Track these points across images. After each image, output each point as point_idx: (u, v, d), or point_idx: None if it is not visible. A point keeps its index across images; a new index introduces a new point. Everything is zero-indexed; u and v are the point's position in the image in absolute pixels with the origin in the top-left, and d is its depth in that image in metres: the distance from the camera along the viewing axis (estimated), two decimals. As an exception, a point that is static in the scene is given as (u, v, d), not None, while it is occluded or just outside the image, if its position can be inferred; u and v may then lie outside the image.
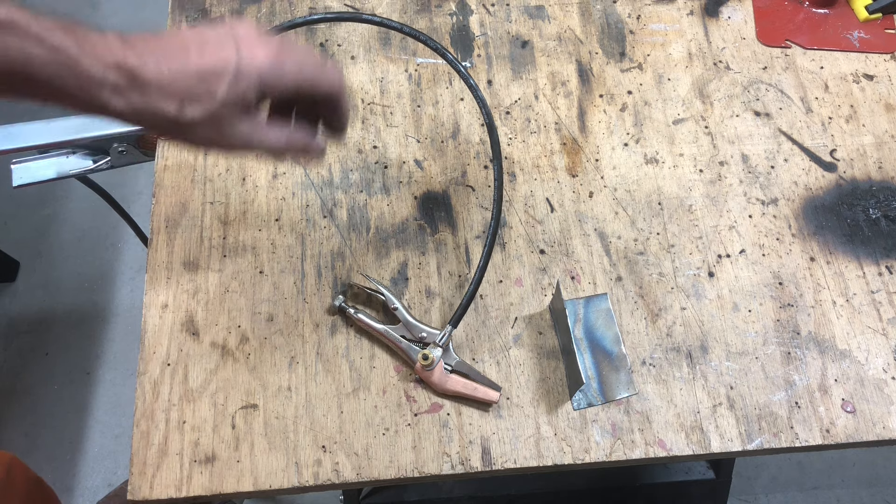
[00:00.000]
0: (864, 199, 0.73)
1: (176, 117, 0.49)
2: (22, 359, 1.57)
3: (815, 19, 0.83)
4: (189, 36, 0.51)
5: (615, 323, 0.67)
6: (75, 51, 0.45)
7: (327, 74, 0.54)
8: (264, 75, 0.51)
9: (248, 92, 0.51)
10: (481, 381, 0.63)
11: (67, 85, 0.46)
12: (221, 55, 0.50)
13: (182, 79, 0.49)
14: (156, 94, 0.48)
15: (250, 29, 0.52)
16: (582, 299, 0.68)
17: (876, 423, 0.64)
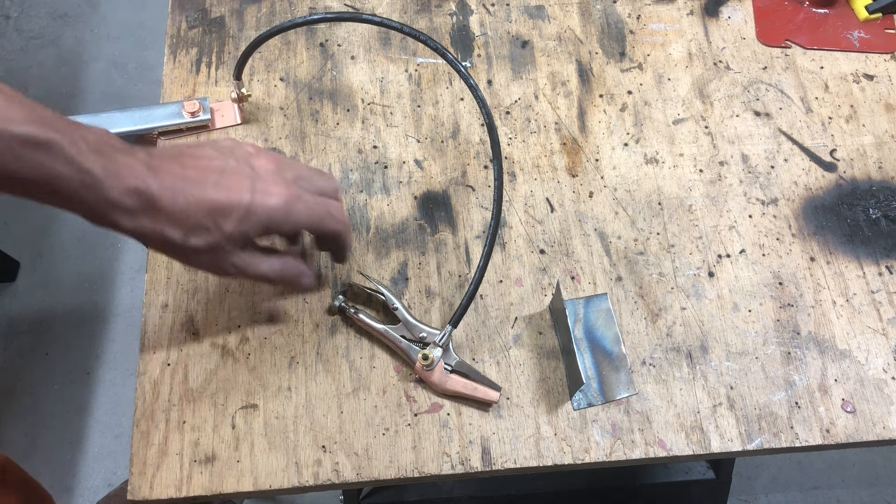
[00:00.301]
0: (864, 199, 0.73)
1: (179, 244, 0.52)
2: (22, 359, 1.57)
3: (815, 19, 0.83)
4: (210, 162, 0.53)
5: (615, 323, 0.67)
6: (101, 174, 0.47)
7: (334, 219, 0.58)
8: (272, 217, 0.53)
9: (253, 230, 0.53)
10: (481, 381, 0.63)
11: (86, 202, 0.48)
12: (235, 193, 0.52)
13: (194, 211, 0.51)
14: (165, 220, 0.50)
15: (270, 163, 0.55)
16: (582, 299, 0.68)
17: (876, 423, 0.64)
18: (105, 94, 1.85)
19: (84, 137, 0.47)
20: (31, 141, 0.45)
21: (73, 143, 0.46)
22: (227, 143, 0.56)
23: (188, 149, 0.54)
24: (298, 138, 0.75)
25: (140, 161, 0.50)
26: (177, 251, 0.53)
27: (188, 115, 0.73)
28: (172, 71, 0.79)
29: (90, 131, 0.48)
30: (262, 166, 0.54)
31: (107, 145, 0.49)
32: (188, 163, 0.52)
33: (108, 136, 0.49)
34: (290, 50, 0.80)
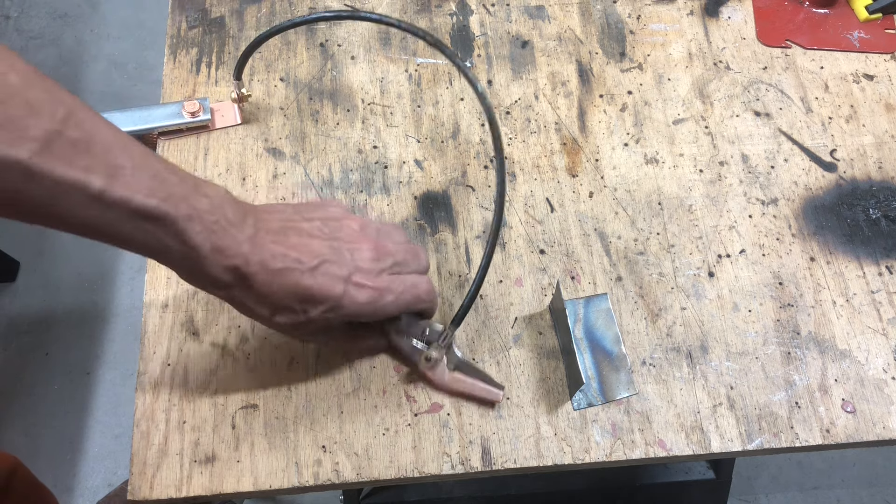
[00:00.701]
0: (864, 199, 0.73)
1: (265, 318, 0.53)
2: (22, 359, 1.57)
3: (815, 19, 0.83)
4: (312, 243, 0.53)
5: (615, 323, 0.67)
6: (206, 251, 0.48)
7: (421, 301, 0.58)
8: (360, 312, 0.55)
9: (339, 319, 0.55)
10: (484, 380, 0.63)
11: (185, 269, 0.49)
12: (328, 285, 0.53)
13: (284, 296, 0.52)
14: (255, 298, 0.51)
15: (370, 250, 0.56)
16: (582, 299, 0.68)
17: (876, 423, 0.64)
18: (105, 94, 1.85)
19: (200, 211, 0.47)
20: (149, 214, 0.45)
21: (189, 218, 0.47)
22: (335, 212, 0.57)
23: (296, 221, 0.54)
24: (298, 138, 0.75)
25: (247, 235, 0.50)
26: (260, 321, 0.54)
27: (188, 115, 0.74)
28: (172, 71, 0.79)
29: (208, 200, 0.48)
30: (363, 255, 0.55)
31: (220, 218, 0.49)
32: (292, 241, 0.52)
33: (222, 206, 0.49)
34: (290, 50, 0.80)
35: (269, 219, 0.53)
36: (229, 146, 0.75)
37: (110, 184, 0.43)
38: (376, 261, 0.55)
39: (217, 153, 0.75)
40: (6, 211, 0.43)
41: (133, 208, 0.44)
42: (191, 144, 0.75)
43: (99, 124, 0.44)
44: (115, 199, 0.44)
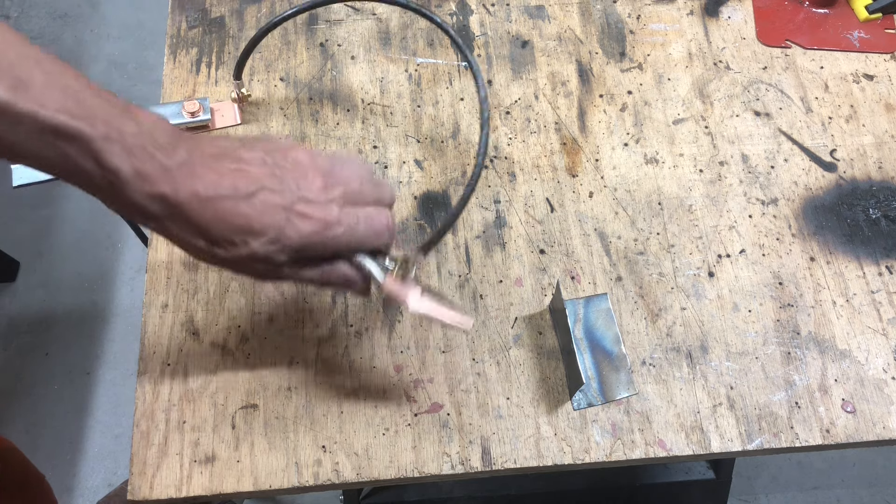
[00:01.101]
0: (864, 199, 0.73)
1: (205, 252, 0.49)
2: (22, 359, 1.58)
3: (815, 19, 0.83)
4: (251, 169, 0.49)
5: (615, 323, 0.67)
6: (128, 175, 0.45)
7: (379, 239, 0.53)
8: (306, 244, 0.50)
9: (280, 254, 0.49)
10: (452, 309, 0.58)
11: (109, 197, 0.46)
12: (269, 215, 0.48)
13: (220, 227, 0.48)
14: (190, 230, 0.48)
15: (317, 178, 0.51)
16: (582, 299, 0.68)
17: (876, 423, 0.64)
18: (105, 94, 1.85)
19: (123, 133, 0.44)
20: (58, 130, 0.42)
21: (107, 138, 0.44)
22: (279, 145, 0.52)
23: (236, 144, 0.50)
24: (298, 138, 0.75)
25: (176, 162, 0.46)
26: (202, 258, 0.50)
27: (188, 115, 0.74)
28: (172, 71, 0.79)
29: (136, 122, 0.45)
30: (309, 184, 0.50)
31: (147, 143, 0.45)
32: (228, 167, 0.48)
33: (152, 132, 0.46)
34: (290, 50, 0.80)
35: (205, 147, 0.49)
36: (229, 146, 0.75)
37: (14, 96, 0.41)
38: (325, 190, 0.50)
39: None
40: None
41: (41, 123, 0.42)
42: (191, 144, 0.75)
43: (10, 41, 0.42)
44: (20, 112, 0.41)
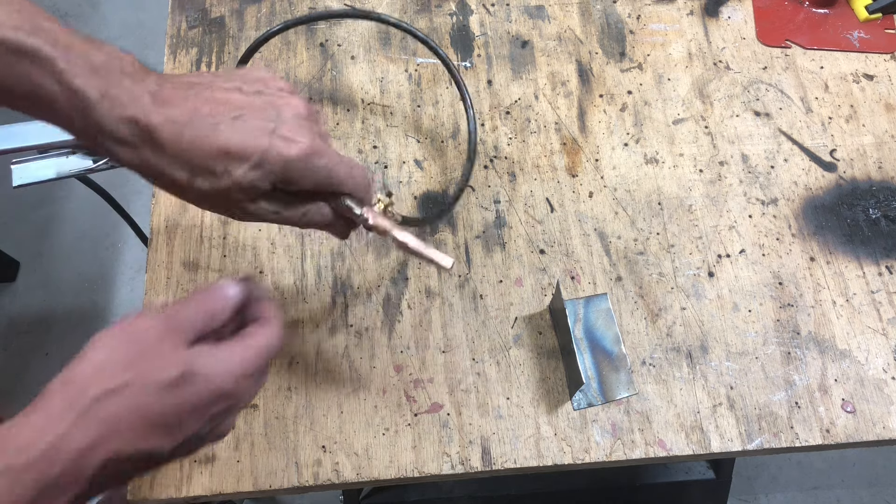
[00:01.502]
0: (864, 199, 0.73)
1: (184, 185, 0.46)
2: (22, 359, 1.58)
3: (815, 19, 0.83)
4: (230, 96, 0.46)
5: (615, 323, 0.67)
6: (94, 97, 0.42)
7: (355, 180, 0.51)
8: (290, 169, 0.47)
9: (264, 181, 0.47)
10: None
11: (76, 124, 0.44)
12: (252, 137, 0.45)
13: (200, 153, 0.45)
14: (168, 158, 0.45)
15: (301, 107, 0.48)
16: (582, 299, 0.68)
17: (876, 423, 0.64)
18: (105, 94, 1.85)
19: (87, 56, 0.42)
20: (15, 48, 0.40)
21: (69, 60, 0.41)
22: (258, 75, 0.49)
23: (210, 77, 0.48)
24: (298, 138, 0.75)
25: (147, 89, 0.44)
26: (181, 192, 0.47)
27: (188, 115, 0.73)
28: (172, 70, 0.79)
29: (102, 51, 0.43)
30: (291, 110, 0.47)
31: (114, 68, 0.43)
32: (204, 95, 0.46)
33: (120, 60, 0.43)
34: (290, 50, 0.80)
35: (176, 78, 0.46)
36: (229, 146, 0.75)
37: None
38: (308, 118, 0.48)
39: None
40: None
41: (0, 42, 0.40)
42: (191, 144, 0.75)
43: None
44: None
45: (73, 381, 0.40)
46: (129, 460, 0.40)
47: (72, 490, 0.39)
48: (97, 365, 0.41)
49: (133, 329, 0.43)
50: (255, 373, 0.45)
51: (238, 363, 0.44)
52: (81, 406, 0.39)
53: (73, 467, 0.38)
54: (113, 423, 0.39)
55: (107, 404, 0.40)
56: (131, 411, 0.40)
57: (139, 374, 0.41)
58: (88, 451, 0.39)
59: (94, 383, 0.40)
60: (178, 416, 0.42)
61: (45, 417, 0.39)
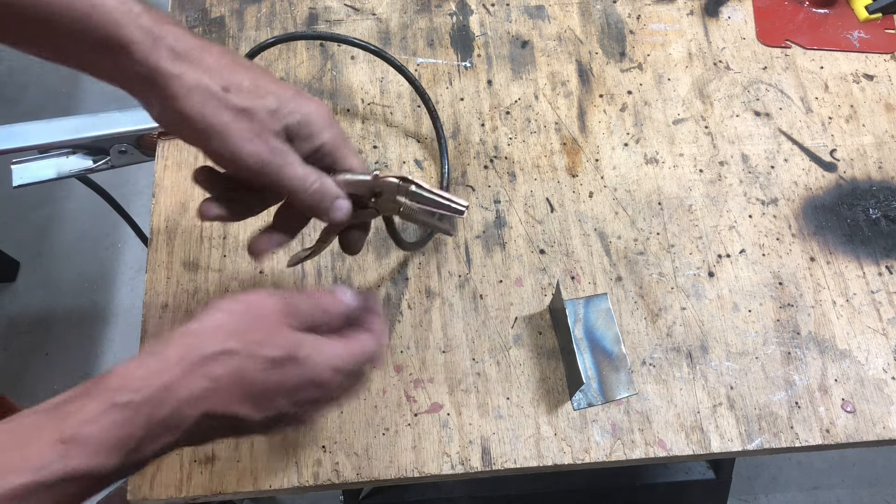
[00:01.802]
0: (864, 199, 0.73)
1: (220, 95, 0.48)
2: (22, 359, 1.57)
3: (815, 19, 0.83)
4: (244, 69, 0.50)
5: (615, 323, 0.67)
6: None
7: (357, 158, 0.54)
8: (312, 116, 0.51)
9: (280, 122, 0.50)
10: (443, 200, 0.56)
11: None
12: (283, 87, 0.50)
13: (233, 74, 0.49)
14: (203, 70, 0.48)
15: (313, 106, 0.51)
16: (582, 299, 0.68)
17: (876, 423, 0.64)
18: (105, 94, 1.85)
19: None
20: None
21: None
22: None
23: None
24: (298, 138, 0.75)
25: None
26: (217, 102, 0.48)
27: (188, 115, 0.73)
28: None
29: None
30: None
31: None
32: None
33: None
34: (290, 50, 0.80)
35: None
36: (229, 146, 0.75)
37: None
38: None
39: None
40: None
41: None
42: (191, 144, 0.75)
43: None
44: None
45: (190, 336, 0.44)
46: (219, 421, 0.43)
47: (169, 436, 0.42)
48: (215, 326, 0.45)
49: (253, 302, 0.47)
50: (350, 372, 0.48)
51: (337, 357, 0.47)
52: (194, 360, 0.43)
53: (176, 415, 0.41)
54: (216, 383, 0.42)
55: (215, 364, 0.43)
56: (234, 376, 0.43)
57: (250, 345, 0.44)
58: (191, 403, 0.42)
59: (209, 342, 0.44)
60: (272, 392, 0.44)
61: (161, 363, 0.42)
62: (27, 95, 1.82)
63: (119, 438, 0.40)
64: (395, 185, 0.55)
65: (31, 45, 0.47)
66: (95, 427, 0.39)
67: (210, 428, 0.43)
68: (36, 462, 0.37)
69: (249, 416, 0.44)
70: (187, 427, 0.42)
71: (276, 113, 0.49)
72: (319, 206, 0.52)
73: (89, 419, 0.39)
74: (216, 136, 0.48)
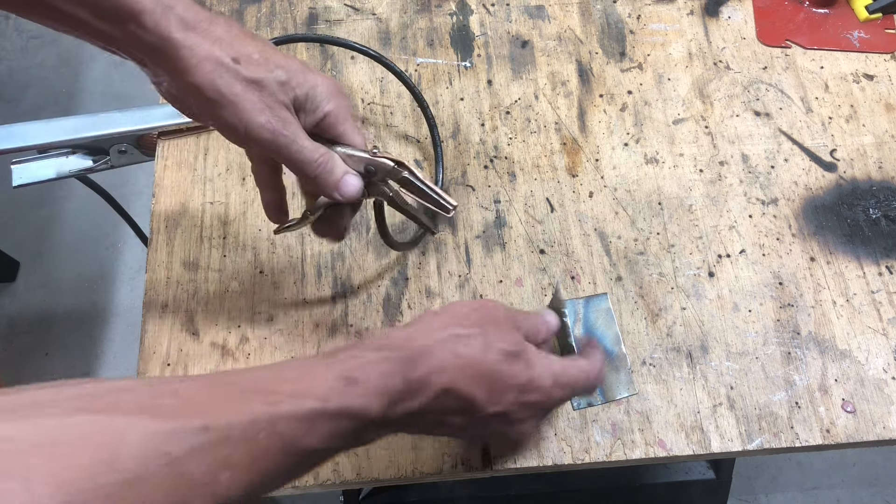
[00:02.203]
0: (865, 199, 0.73)
1: (229, 65, 0.50)
2: (22, 359, 1.57)
3: (815, 19, 0.83)
4: None
5: (615, 323, 0.67)
6: None
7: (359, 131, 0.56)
8: (318, 88, 0.52)
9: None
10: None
11: None
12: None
13: (243, 44, 0.50)
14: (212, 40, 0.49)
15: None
16: (582, 299, 0.68)
17: (876, 423, 0.64)
18: (105, 94, 1.85)
19: None
20: None
21: None
22: None
23: None
24: (298, 138, 0.75)
25: None
26: (228, 73, 0.49)
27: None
28: (172, 71, 0.79)
29: None
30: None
31: None
32: None
33: None
34: (290, 50, 0.80)
35: None
36: (229, 146, 0.75)
37: None
38: None
39: (217, 153, 0.75)
40: None
41: None
42: (191, 144, 0.75)
43: None
44: None
45: (442, 315, 0.50)
46: (455, 402, 0.47)
47: (419, 398, 0.45)
48: (461, 314, 0.50)
49: (489, 305, 0.52)
50: (568, 386, 0.53)
51: (558, 368, 0.52)
52: (445, 337, 0.48)
53: (425, 379, 0.45)
54: (461, 360, 0.47)
55: (458, 343, 0.47)
56: (475, 359, 0.47)
57: (487, 334, 0.49)
58: (439, 371, 0.46)
59: (454, 325, 0.49)
60: (505, 384, 0.48)
61: (421, 331, 0.48)
62: (27, 95, 1.82)
63: (386, 386, 0.43)
64: (390, 168, 0.55)
65: (37, 11, 0.47)
66: (370, 372, 0.43)
67: (444, 409, 0.47)
68: (322, 393, 0.41)
69: (483, 403, 0.47)
70: (430, 396, 0.45)
71: (285, 85, 0.50)
72: (328, 181, 0.53)
73: (365, 365, 0.43)
74: (228, 106, 0.48)
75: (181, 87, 0.49)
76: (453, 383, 0.46)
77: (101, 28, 0.47)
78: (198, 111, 0.51)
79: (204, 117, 0.51)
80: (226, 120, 0.49)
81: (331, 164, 0.53)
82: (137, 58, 0.49)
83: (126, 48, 0.48)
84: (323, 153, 0.52)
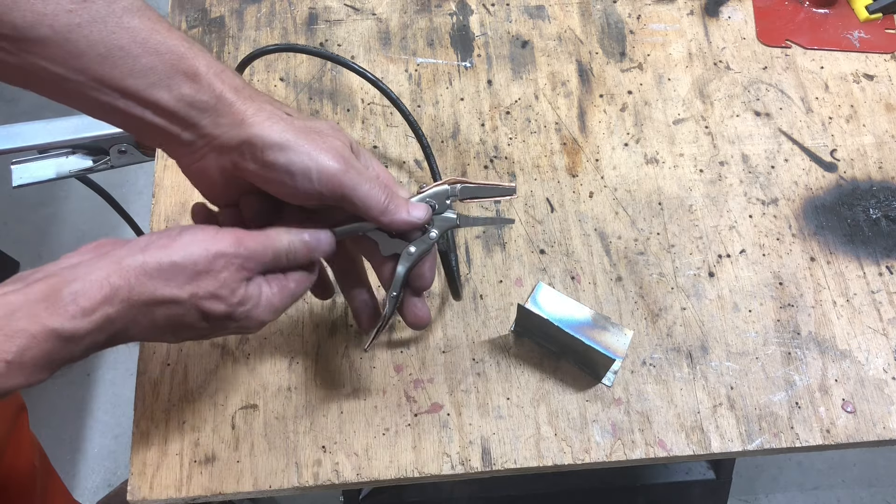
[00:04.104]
0: (865, 199, 0.73)
1: None
2: (22, 359, 1.57)
3: (816, 19, 0.83)
4: None
5: (566, 296, 0.66)
6: None
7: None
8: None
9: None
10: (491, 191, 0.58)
11: None
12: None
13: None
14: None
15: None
16: (528, 301, 0.67)
17: (876, 424, 0.64)
18: (105, 94, 1.85)
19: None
20: None
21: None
22: None
23: None
24: (298, 138, 0.75)
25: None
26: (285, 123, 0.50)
27: (188, 115, 0.73)
28: (172, 71, 0.79)
29: None
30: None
31: None
32: None
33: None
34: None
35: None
36: (229, 146, 0.75)
37: None
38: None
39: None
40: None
41: None
42: (191, 144, 0.75)
43: None
44: None
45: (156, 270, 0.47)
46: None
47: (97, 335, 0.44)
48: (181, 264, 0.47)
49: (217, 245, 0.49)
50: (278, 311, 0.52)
51: (270, 309, 0.50)
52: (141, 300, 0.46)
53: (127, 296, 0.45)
54: (154, 325, 0.47)
55: (160, 310, 0.46)
56: (171, 320, 0.47)
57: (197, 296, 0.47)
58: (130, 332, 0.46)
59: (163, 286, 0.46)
60: (197, 333, 0.49)
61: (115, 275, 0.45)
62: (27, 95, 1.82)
63: None
64: (447, 190, 0.56)
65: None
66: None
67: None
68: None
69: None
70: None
71: (339, 133, 0.53)
72: (399, 205, 0.53)
73: None
74: (296, 147, 0.49)
75: (235, 146, 0.49)
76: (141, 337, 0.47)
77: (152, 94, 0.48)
78: (254, 167, 0.50)
79: (259, 177, 0.50)
80: (294, 165, 0.49)
81: (397, 193, 0.53)
82: (186, 120, 0.49)
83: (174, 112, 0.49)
84: (387, 185, 0.53)
